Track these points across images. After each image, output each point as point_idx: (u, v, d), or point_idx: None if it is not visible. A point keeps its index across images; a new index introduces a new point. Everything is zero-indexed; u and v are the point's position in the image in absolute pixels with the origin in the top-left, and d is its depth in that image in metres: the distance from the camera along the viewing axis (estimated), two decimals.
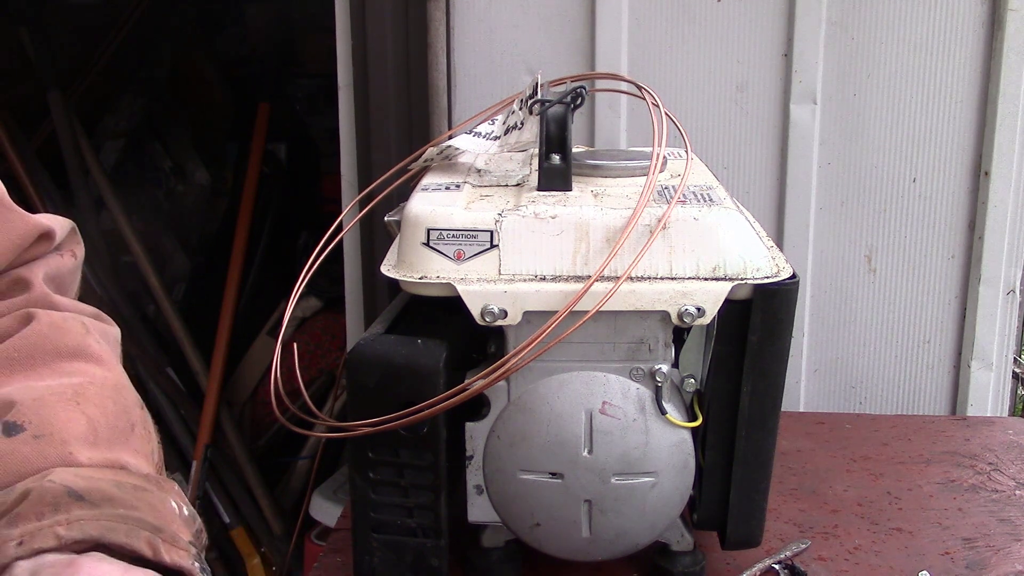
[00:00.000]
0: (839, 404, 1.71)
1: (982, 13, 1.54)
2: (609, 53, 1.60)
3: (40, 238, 0.81)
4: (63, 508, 0.63)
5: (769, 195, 1.64)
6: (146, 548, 0.64)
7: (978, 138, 1.58)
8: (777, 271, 0.92)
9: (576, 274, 0.91)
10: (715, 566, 1.06)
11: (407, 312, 1.03)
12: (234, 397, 2.77)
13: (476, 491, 0.97)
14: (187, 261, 3.10)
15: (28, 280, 0.80)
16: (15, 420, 0.68)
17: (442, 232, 0.92)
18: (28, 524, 0.62)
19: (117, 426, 0.73)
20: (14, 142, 2.67)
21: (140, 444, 0.74)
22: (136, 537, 0.64)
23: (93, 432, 0.70)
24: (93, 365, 0.76)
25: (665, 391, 0.93)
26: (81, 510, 0.63)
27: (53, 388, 0.71)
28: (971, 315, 1.64)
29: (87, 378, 0.74)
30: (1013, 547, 1.12)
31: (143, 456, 0.73)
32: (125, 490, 0.67)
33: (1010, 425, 1.48)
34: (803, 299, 1.65)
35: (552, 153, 0.98)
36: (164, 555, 0.64)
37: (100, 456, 0.69)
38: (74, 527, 0.62)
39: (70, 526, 0.62)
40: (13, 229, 0.79)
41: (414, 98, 1.62)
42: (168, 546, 0.65)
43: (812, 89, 1.58)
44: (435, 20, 1.57)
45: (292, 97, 3.35)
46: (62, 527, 0.62)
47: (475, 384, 0.88)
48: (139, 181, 3.06)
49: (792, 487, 1.26)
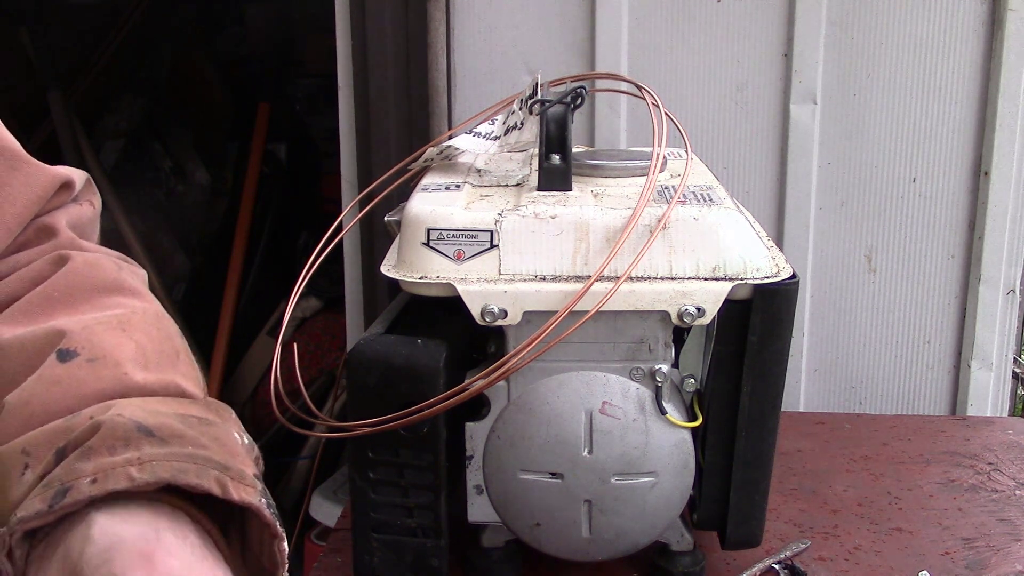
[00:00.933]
0: (839, 404, 1.71)
1: (982, 13, 1.54)
2: (609, 53, 1.60)
3: (61, 188, 0.82)
4: (133, 444, 0.63)
5: (769, 195, 1.64)
6: (216, 487, 0.64)
7: (978, 138, 1.58)
8: (777, 271, 0.92)
9: (576, 274, 0.91)
10: (715, 566, 1.06)
11: (407, 312, 1.03)
12: (234, 397, 2.76)
13: (476, 491, 0.97)
14: (187, 261, 3.10)
15: (53, 226, 0.81)
16: (68, 347, 0.69)
17: (442, 232, 0.92)
18: (101, 459, 0.62)
19: (164, 351, 0.74)
20: None
21: (187, 369, 0.75)
22: (206, 477, 0.64)
23: (143, 355, 0.71)
24: (130, 298, 0.77)
25: (665, 391, 0.93)
26: (151, 447, 0.63)
27: (98, 319, 0.73)
28: (971, 315, 1.63)
29: (128, 310, 0.76)
30: (1013, 547, 1.12)
31: (192, 380, 0.74)
32: (191, 425, 0.67)
33: (1010, 425, 1.48)
34: (803, 299, 1.65)
35: (552, 153, 0.98)
36: (232, 493, 0.64)
37: (155, 378, 0.70)
38: (146, 469, 0.62)
39: (142, 467, 0.62)
40: (35, 181, 0.80)
41: (414, 98, 1.62)
42: (236, 483, 0.65)
43: (812, 89, 1.58)
44: (435, 20, 1.57)
45: (292, 97, 3.35)
46: (134, 467, 0.62)
47: (475, 384, 0.88)
48: (139, 181, 3.06)
49: (792, 487, 1.26)
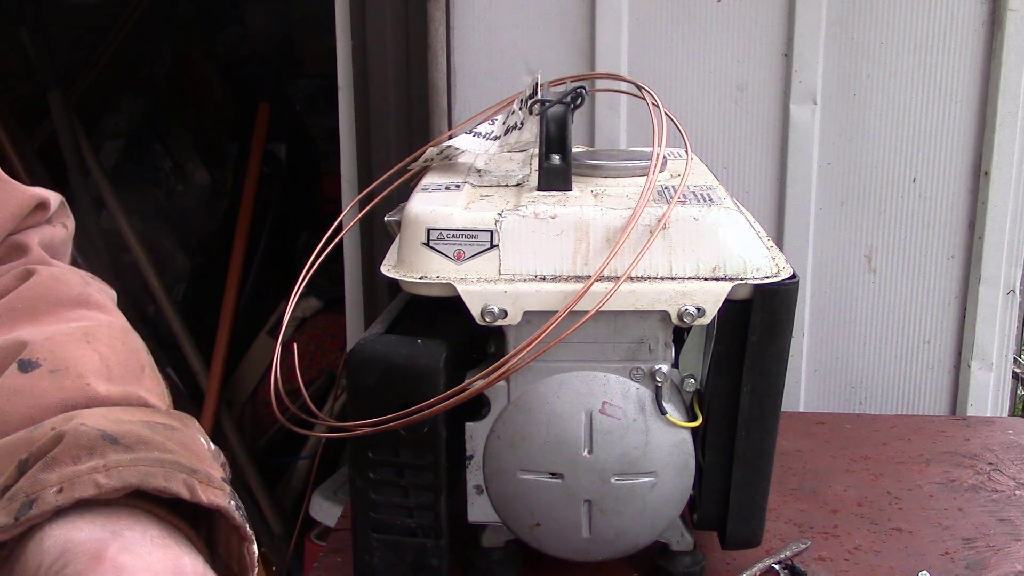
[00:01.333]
0: (839, 404, 1.71)
1: (982, 13, 1.54)
2: (609, 53, 1.60)
3: (36, 208, 0.82)
4: (98, 452, 0.62)
5: (769, 195, 1.64)
6: (184, 490, 0.63)
7: (978, 138, 1.58)
8: (777, 271, 0.92)
9: (576, 274, 0.91)
10: (715, 566, 1.06)
11: (407, 312, 1.03)
12: (234, 397, 2.77)
13: (476, 491, 0.97)
14: (187, 261, 3.10)
15: (25, 244, 0.81)
16: (29, 357, 0.68)
17: (442, 232, 0.92)
18: (65, 468, 0.61)
19: (128, 364, 0.73)
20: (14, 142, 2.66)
21: (152, 384, 0.74)
22: (174, 480, 0.63)
23: (107, 368, 0.71)
24: (96, 312, 0.77)
25: (665, 391, 0.93)
26: (117, 454, 0.63)
27: (62, 330, 0.72)
28: (971, 315, 1.63)
29: (93, 322, 0.75)
30: (1013, 547, 1.12)
31: (156, 395, 0.73)
32: (156, 431, 0.66)
33: (1010, 425, 1.48)
34: (803, 299, 1.65)
35: (552, 153, 0.98)
36: (201, 495, 0.64)
37: (118, 390, 0.70)
38: (112, 475, 0.61)
39: (108, 473, 0.61)
40: (11, 200, 0.80)
41: (414, 98, 1.62)
42: (204, 486, 0.64)
43: (812, 89, 1.58)
44: (435, 20, 1.57)
45: (292, 97, 3.35)
46: (100, 474, 0.61)
47: (475, 384, 0.88)
48: (139, 181, 3.06)
49: (792, 487, 1.26)
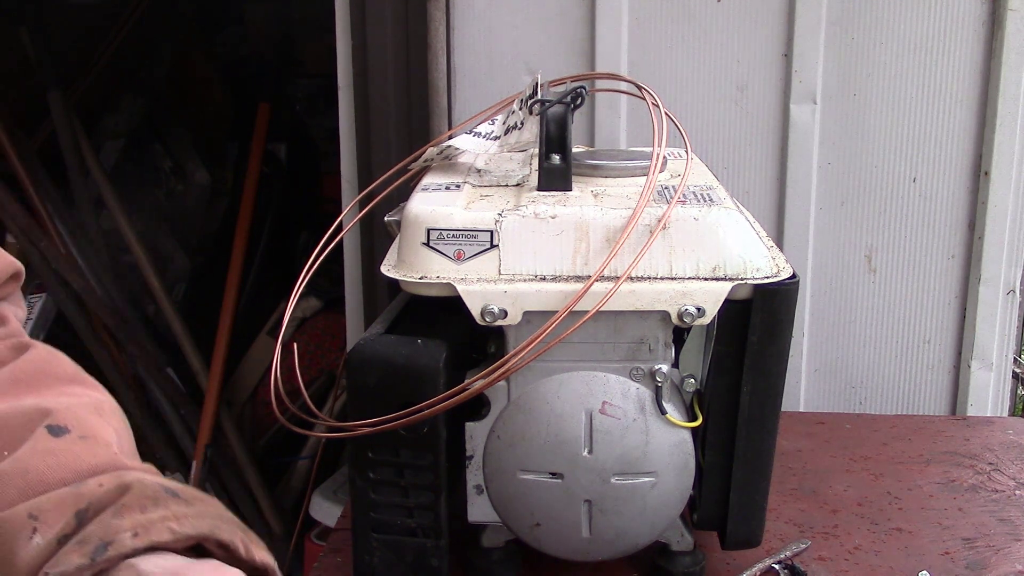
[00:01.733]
0: (839, 404, 1.71)
1: (982, 13, 1.54)
2: (609, 53, 1.60)
3: (12, 276, 0.81)
4: (163, 504, 0.64)
5: (769, 195, 1.64)
6: (240, 547, 0.65)
7: (978, 138, 1.58)
8: (777, 271, 0.92)
9: (576, 274, 0.91)
10: (715, 566, 1.06)
11: (407, 312, 1.03)
12: (234, 397, 2.77)
13: (476, 491, 0.97)
14: (187, 261, 3.10)
15: (3, 315, 0.79)
16: (57, 423, 0.68)
17: (442, 232, 0.92)
18: (136, 516, 0.62)
19: (131, 442, 0.75)
20: (14, 142, 2.66)
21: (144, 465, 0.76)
22: (234, 535, 0.65)
23: (120, 441, 0.72)
24: (91, 390, 0.77)
25: (665, 391, 0.93)
26: (179, 507, 0.64)
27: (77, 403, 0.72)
28: (971, 315, 1.63)
29: (95, 399, 0.75)
30: (1013, 547, 1.12)
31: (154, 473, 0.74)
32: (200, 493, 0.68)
33: (1010, 425, 1.48)
34: (803, 299, 1.65)
35: (552, 153, 0.98)
36: (254, 553, 0.66)
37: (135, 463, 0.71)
38: (185, 523, 0.63)
39: (180, 522, 0.63)
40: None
41: (414, 98, 1.62)
42: (255, 546, 0.66)
43: (812, 89, 1.58)
44: (435, 20, 1.57)
45: (292, 97, 3.35)
46: (173, 522, 0.62)
47: (475, 384, 0.88)
48: (139, 181, 3.06)
49: (792, 487, 1.26)
